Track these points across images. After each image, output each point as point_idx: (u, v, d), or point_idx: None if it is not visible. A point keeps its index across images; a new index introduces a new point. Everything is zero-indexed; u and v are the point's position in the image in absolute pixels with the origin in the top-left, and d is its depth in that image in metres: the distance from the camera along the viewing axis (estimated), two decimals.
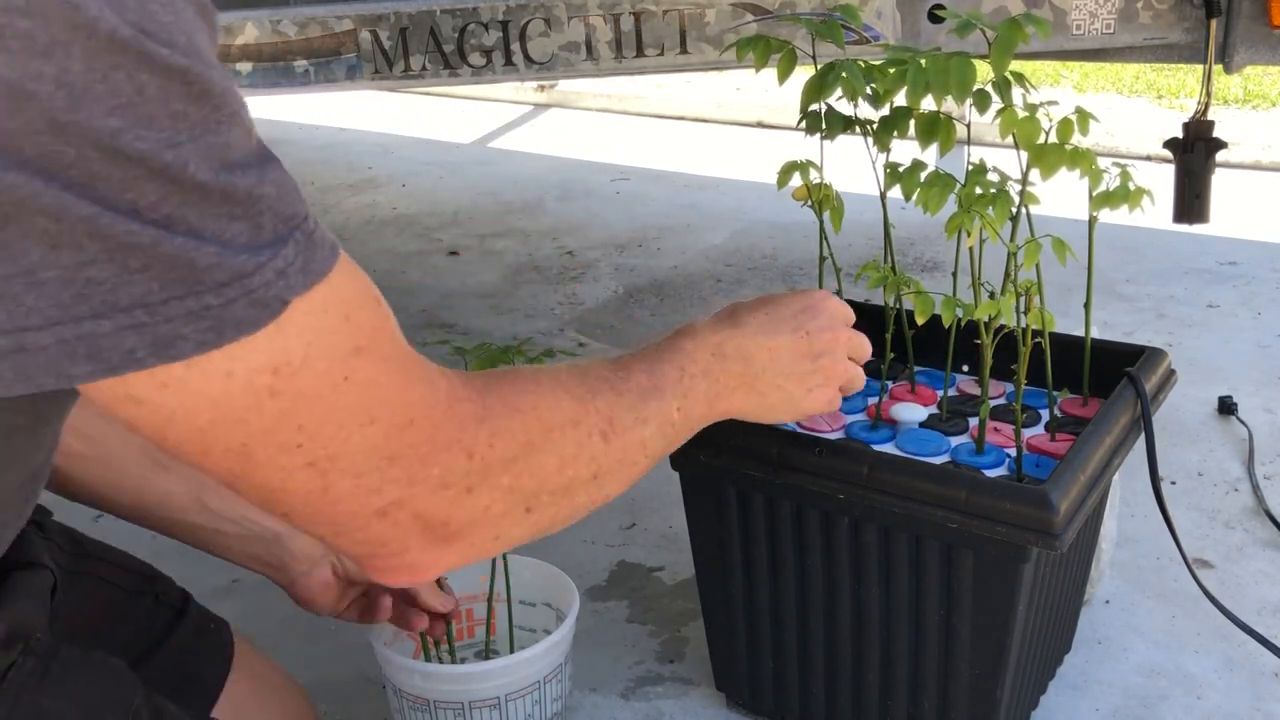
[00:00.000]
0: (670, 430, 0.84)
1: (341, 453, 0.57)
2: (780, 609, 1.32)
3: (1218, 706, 1.45)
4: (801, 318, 0.97)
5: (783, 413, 0.99)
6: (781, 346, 0.95)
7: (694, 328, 0.92)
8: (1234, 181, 3.73)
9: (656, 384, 0.83)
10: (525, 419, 0.68)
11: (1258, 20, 1.69)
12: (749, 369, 0.93)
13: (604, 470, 0.75)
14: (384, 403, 0.58)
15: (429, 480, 0.61)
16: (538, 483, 0.69)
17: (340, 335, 0.55)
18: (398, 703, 1.34)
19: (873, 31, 1.70)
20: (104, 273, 0.47)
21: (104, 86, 0.45)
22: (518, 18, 1.73)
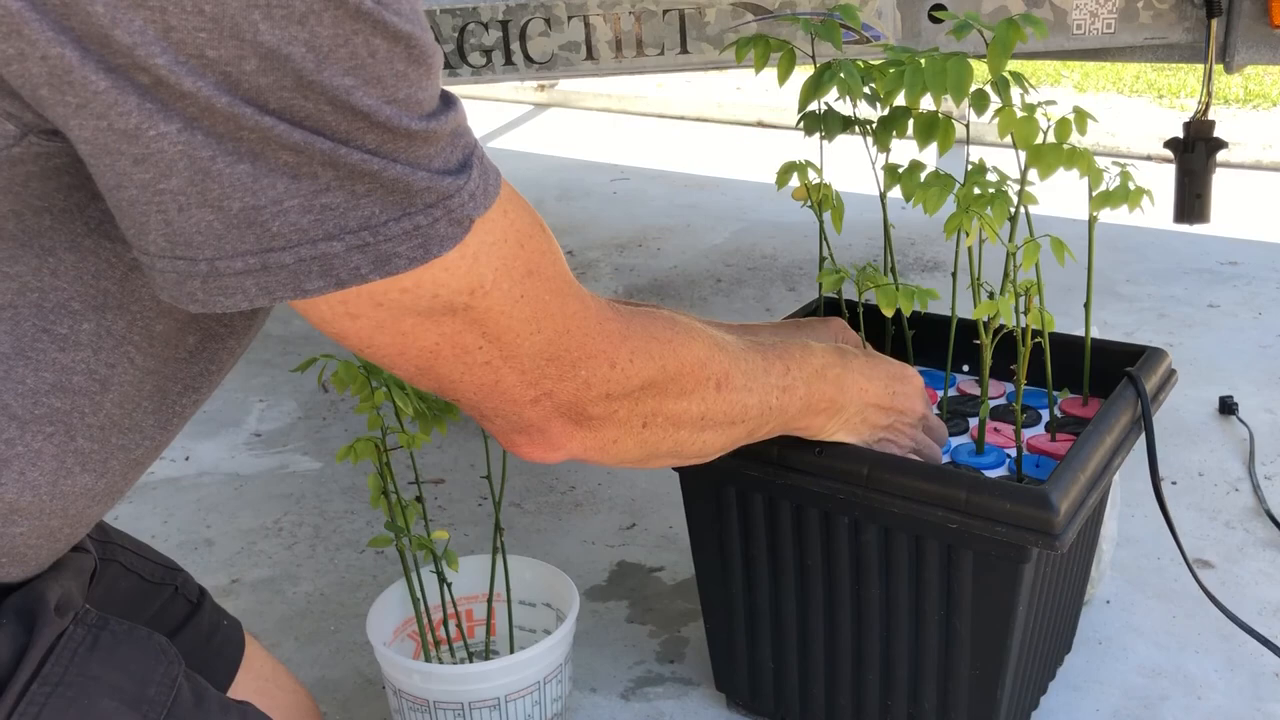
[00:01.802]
0: (766, 413, 0.96)
1: (513, 354, 0.68)
2: (780, 609, 1.32)
3: (1218, 707, 1.45)
4: (894, 381, 1.11)
5: (854, 441, 1.14)
6: (872, 392, 1.09)
7: (809, 345, 1.03)
8: (1234, 181, 3.73)
9: (768, 368, 0.94)
10: (661, 348, 0.80)
11: (1258, 20, 1.69)
12: (839, 398, 1.06)
13: (709, 415, 0.87)
14: (548, 315, 0.69)
15: (576, 379, 0.73)
16: (658, 404, 0.81)
17: (518, 260, 0.64)
18: (398, 703, 1.34)
19: (873, 31, 1.70)
20: (336, 199, 0.54)
21: (345, 50, 0.52)
22: (518, 17, 1.73)
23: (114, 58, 0.49)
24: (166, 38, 0.49)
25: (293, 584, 1.80)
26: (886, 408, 1.10)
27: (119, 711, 0.66)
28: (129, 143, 0.51)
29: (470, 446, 2.19)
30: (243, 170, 0.52)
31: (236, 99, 0.50)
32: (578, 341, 0.72)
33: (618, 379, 0.76)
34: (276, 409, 2.42)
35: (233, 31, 0.49)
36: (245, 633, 1.03)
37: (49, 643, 0.66)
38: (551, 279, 0.68)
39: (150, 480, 2.16)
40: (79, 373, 0.63)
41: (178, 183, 0.52)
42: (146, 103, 0.50)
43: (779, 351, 0.97)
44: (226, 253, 0.54)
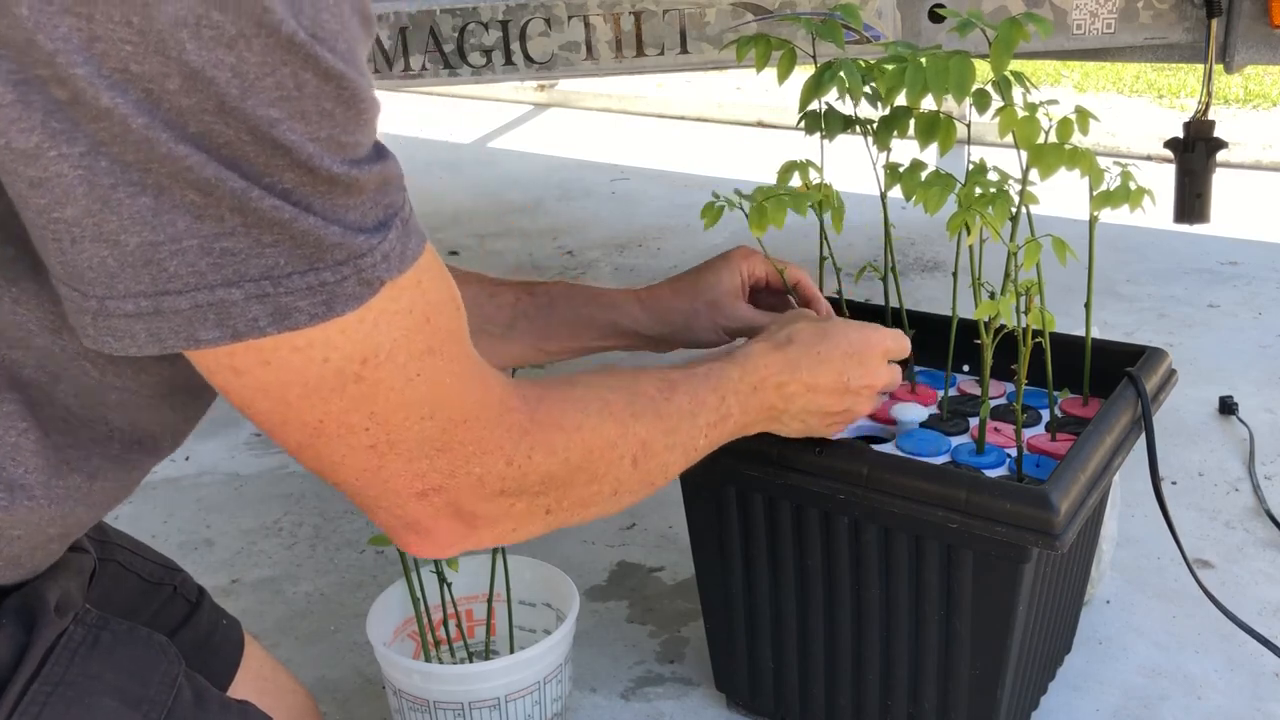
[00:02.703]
0: (693, 454, 0.89)
1: (401, 439, 0.63)
2: (780, 609, 1.32)
3: (1218, 707, 1.45)
4: (848, 364, 1.02)
5: (792, 434, 1.07)
6: (820, 387, 1.01)
7: (750, 353, 0.97)
8: (1234, 181, 3.73)
9: (694, 409, 0.87)
10: (567, 438, 0.73)
11: (1258, 20, 1.69)
12: (778, 405, 1.00)
13: (624, 488, 0.81)
14: (445, 400, 0.63)
15: (469, 476, 0.67)
16: (563, 493, 0.75)
17: (421, 335, 0.60)
18: (398, 703, 1.34)
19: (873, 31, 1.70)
20: (239, 244, 0.52)
21: (272, 79, 0.50)
22: (518, 17, 1.73)
23: (30, 67, 0.47)
24: (90, 47, 0.47)
25: (293, 584, 1.80)
26: (841, 393, 1.03)
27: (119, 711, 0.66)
28: (27, 164, 0.49)
29: None
30: (144, 204, 0.50)
31: (155, 120, 0.48)
32: (474, 433, 0.66)
33: (514, 476, 0.70)
34: None
35: (159, 47, 0.48)
36: (244, 632, 1.03)
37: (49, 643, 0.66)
38: (454, 360, 0.64)
39: (150, 480, 2.16)
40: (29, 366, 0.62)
41: (74, 212, 0.50)
42: (52, 121, 0.48)
43: (715, 380, 0.91)
44: (118, 292, 0.52)
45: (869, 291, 1.75)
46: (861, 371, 1.03)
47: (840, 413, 1.05)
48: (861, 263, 1.36)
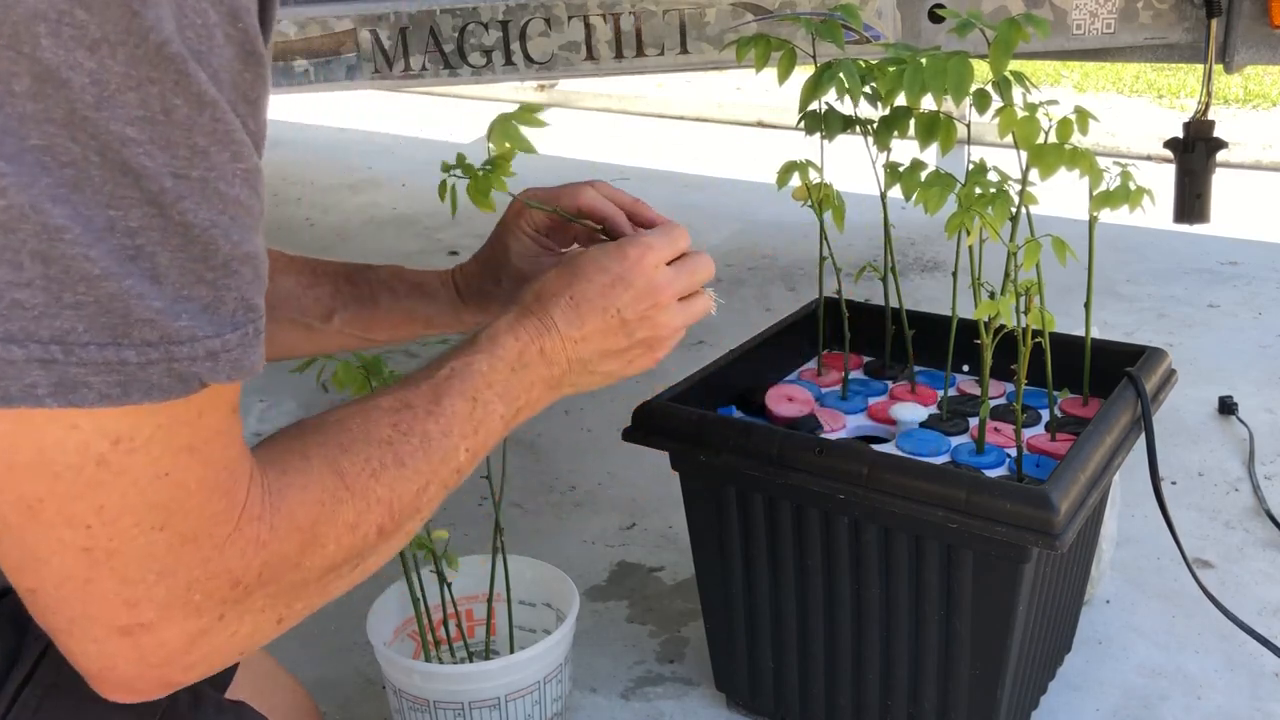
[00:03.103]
0: (456, 477, 0.75)
1: (122, 550, 0.53)
2: (780, 609, 1.32)
3: (1218, 706, 1.45)
4: (611, 295, 0.85)
5: (599, 385, 0.89)
6: (589, 335, 0.84)
7: (495, 334, 0.81)
8: (1234, 181, 3.73)
9: (444, 429, 0.73)
10: (303, 539, 0.62)
11: (1258, 20, 1.69)
12: (552, 370, 0.83)
13: (368, 556, 0.68)
14: (183, 510, 0.54)
15: (186, 606, 0.56)
16: (296, 598, 0.63)
17: (187, 429, 0.52)
18: (398, 703, 1.34)
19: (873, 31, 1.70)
20: (35, 298, 0.45)
21: (135, 94, 0.44)
22: (518, 17, 1.73)
23: None
24: None
25: None
26: (619, 328, 0.86)
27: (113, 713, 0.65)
28: None
29: None
30: None
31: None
32: (201, 556, 0.55)
33: (236, 598, 0.58)
34: (277, 409, 2.42)
35: (11, 41, 0.43)
36: None
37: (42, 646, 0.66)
38: (210, 465, 0.54)
39: None
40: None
41: None
42: None
43: (461, 382, 0.76)
44: None
45: (869, 291, 1.75)
46: (632, 296, 0.85)
47: (632, 347, 0.87)
48: (861, 263, 1.36)
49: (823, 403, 1.39)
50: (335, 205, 4.05)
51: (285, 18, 1.73)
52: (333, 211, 3.97)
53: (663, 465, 1.31)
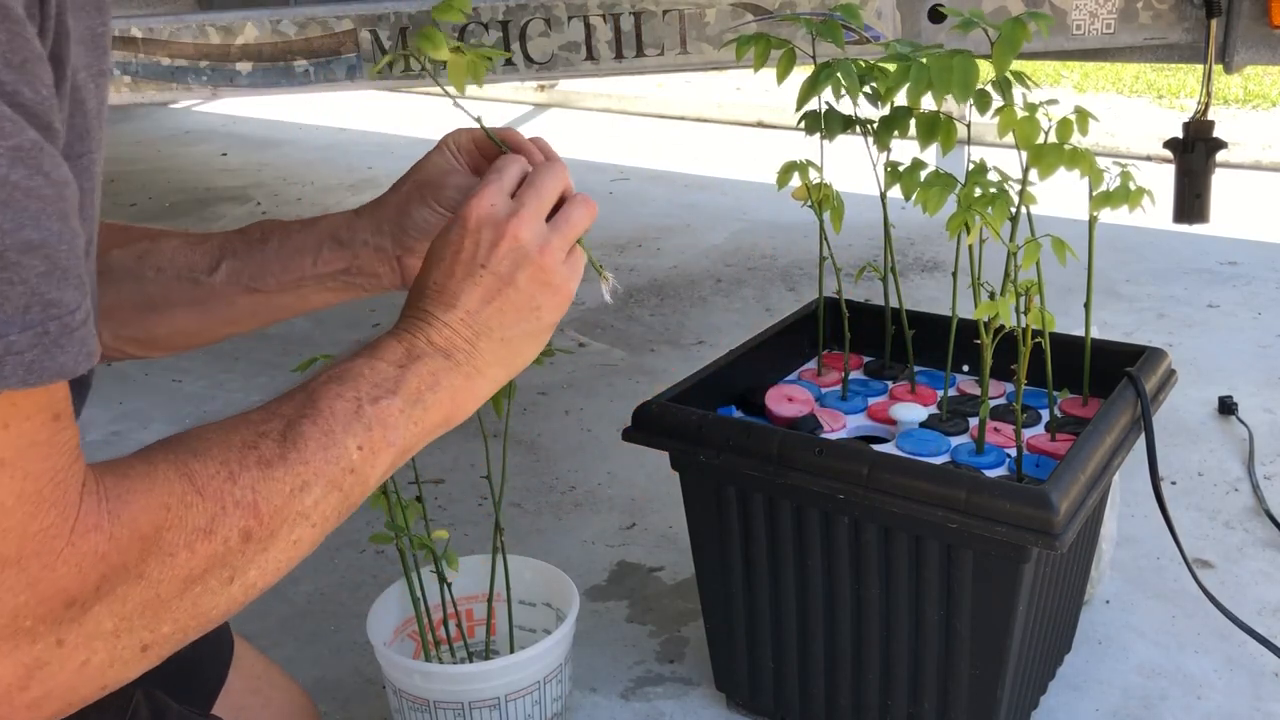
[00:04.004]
0: (350, 477, 0.68)
1: None
2: (780, 609, 1.32)
3: (1218, 706, 1.45)
4: (464, 258, 0.76)
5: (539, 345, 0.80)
6: (472, 305, 0.75)
7: (370, 342, 0.75)
8: (1234, 181, 3.73)
9: (323, 428, 0.67)
10: (145, 547, 0.56)
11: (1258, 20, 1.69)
12: (454, 358, 0.75)
13: (246, 569, 0.62)
14: (1, 531, 0.49)
15: (16, 634, 0.51)
16: (153, 617, 0.57)
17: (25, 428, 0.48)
18: (398, 703, 1.34)
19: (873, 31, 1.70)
20: None
21: None
22: (518, 18, 1.73)
23: None
24: None
25: (293, 584, 1.80)
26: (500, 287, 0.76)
27: None
28: None
29: (470, 447, 2.18)
30: None
31: None
32: (28, 579, 0.50)
33: (73, 619, 0.53)
34: None
35: None
36: (236, 633, 1.03)
37: None
38: (29, 477, 0.49)
39: None
40: None
41: None
42: None
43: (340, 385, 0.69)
44: None
45: (869, 291, 1.75)
46: (485, 244, 0.76)
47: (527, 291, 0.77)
48: (861, 263, 1.36)
49: (823, 403, 1.39)
50: (335, 205, 4.05)
51: (285, 18, 1.73)
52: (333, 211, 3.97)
53: (663, 465, 1.31)
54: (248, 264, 0.93)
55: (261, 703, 1.02)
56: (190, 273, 0.93)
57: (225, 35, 1.74)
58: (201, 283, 0.92)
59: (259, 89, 1.76)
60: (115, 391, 2.58)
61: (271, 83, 1.76)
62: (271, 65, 1.75)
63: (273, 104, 5.76)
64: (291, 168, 4.65)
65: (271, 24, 1.73)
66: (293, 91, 1.80)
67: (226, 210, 4.08)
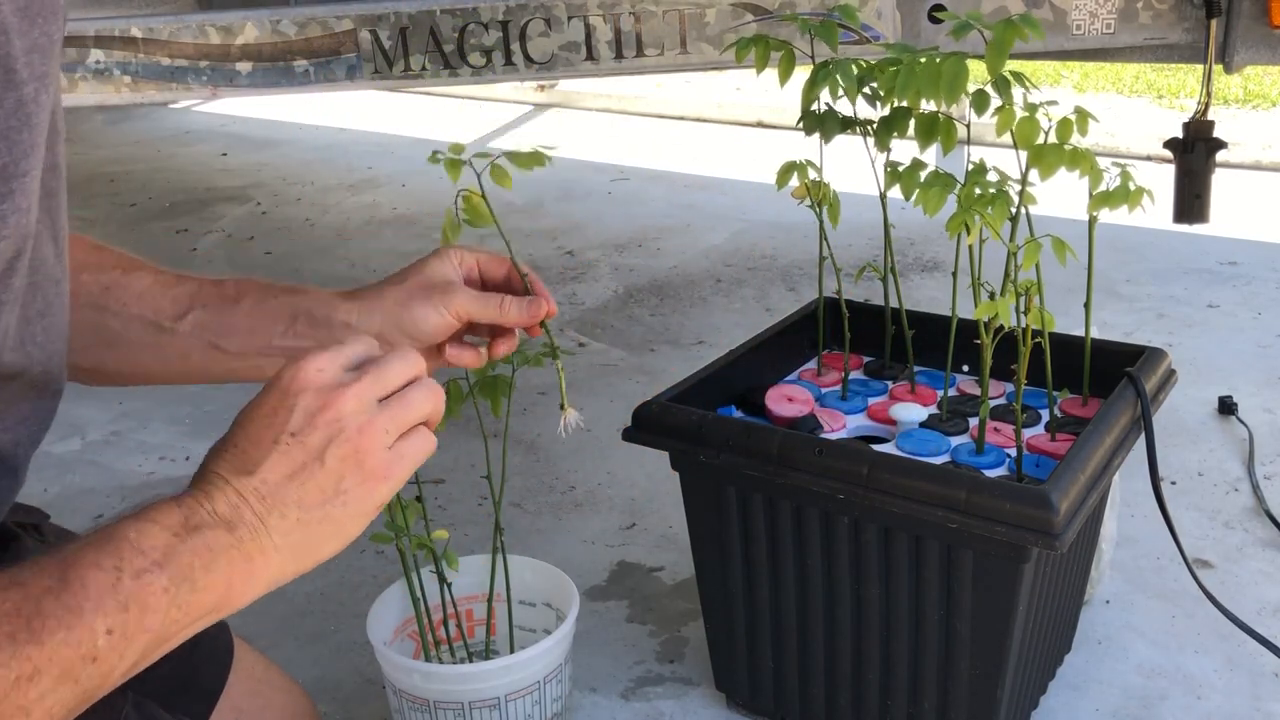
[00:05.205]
0: (91, 667, 0.59)
1: None
2: (780, 609, 1.32)
3: (1218, 706, 1.45)
4: (275, 421, 0.68)
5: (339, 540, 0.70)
6: (269, 473, 0.67)
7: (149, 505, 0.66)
8: (1234, 181, 3.73)
9: (70, 604, 0.58)
10: None
11: (1258, 20, 1.69)
12: (239, 533, 0.66)
13: None
14: None
15: None
16: None
17: None
18: (398, 703, 1.34)
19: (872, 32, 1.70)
20: None
21: None
22: (518, 18, 1.73)
23: None
24: None
25: (293, 584, 1.79)
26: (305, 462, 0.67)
27: None
28: None
29: (470, 447, 2.18)
30: None
31: None
32: None
33: None
34: None
35: None
36: (236, 635, 1.03)
37: None
38: None
39: (151, 480, 2.16)
40: None
41: None
42: None
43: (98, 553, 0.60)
44: None
45: (869, 291, 1.75)
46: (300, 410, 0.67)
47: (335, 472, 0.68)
48: (861, 263, 1.37)
49: (823, 403, 1.39)
50: (335, 205, 4.05)
51: (285, 18, 1.73)
52: (332, 211, 3.97)
53: (663, 465, 1.31)
54: (216, 319, 0.89)
55: (261, 704, 1.02)
56: (155, 317, 0.89)
57: (225, 35, 1.74)
58: (164, 329, 0.88)
59: (259, 89, 1.76)
60: (115, 391, 2.58)
61: (271, 83, 1.76)
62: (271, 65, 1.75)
63: (273, 104, 5.76)
64: (291, 168, 4.65)
65: (271, 24, 1.73)
66: (293, 91, 1.80)
67: (226, 210, 4.08)
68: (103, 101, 1.80)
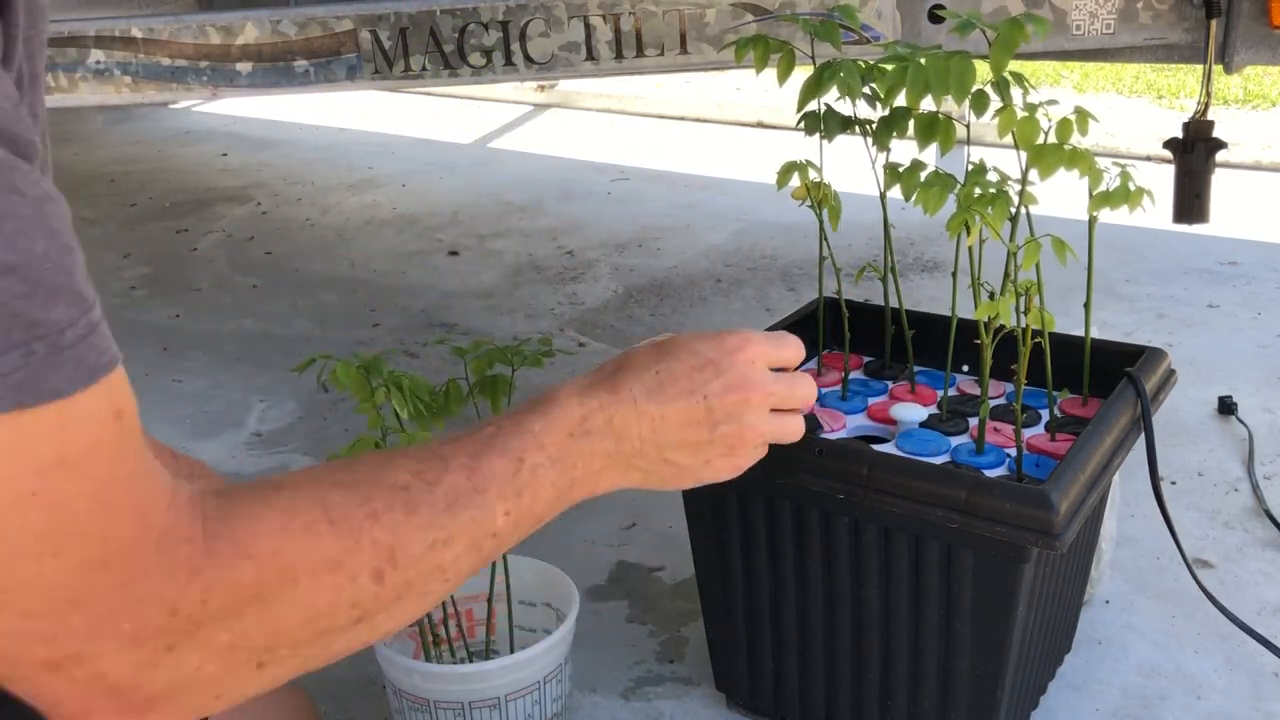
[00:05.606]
0: (491, 541, 0.68)
1: (9, 585, 0.47)
2: (780, 609, 1.32)
3: (1218, 706, 1.45)
4: (700, 377, 0.81)
5: (675, 485, 0.84)
6: (670, 416, 0.79)
7: (557, 396, 0.76)
8: (1234, 181, 3.73)
9: (478, 485, 0.67)
10: (259, 566, 0.55)
11: (1258, 20, 1.69)
12: (620, 446, 0.78)
13: (375, 612, 0.61)
14: (77, 534, 0.48)
15: (118, 635, 0.50)
16: (272, 637, 0.57)
17: (44, 443, 0.46)
18: (398, 703, 1.34)
19: (872, 32, 1.70)
20: None
21: None
22: (518, 18, 1.73)
23: None
24: None
25: None
26: (704, 419, 0.81)
27: None
28: None
29: None
30: None
31: None
32: (119, 580, 0.50)
33: (184, 629, 0.52)
34: (277, 409, 2.42)
35: None
36: None
37: None
38: (96, 479, 0.48)
39: None
40: None
41: None
42: None
43: (507, 440, 0.71)
44: None
45: (869, 291, 1.75)
46: (722, 384, 0.81)
47: (714, 443, 0.81)
48: (861, 263, 1.36)
49: (823, 403, 1.39)
50: (335, 205, 4.05)
51: (285, 18, 1.73)
52: (333, 212, 3.97)
53: None
54: None
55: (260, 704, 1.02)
56: None
57: (225, 35, 1.74)
58: None
59: (259, 89, 1.76)
60: None
61: (271, 83, 1.76)
62: (271, 65, 1.75)
63: (273, 104, 5.76)
64: (291, 168, 4.65)
65: (271, 24, 1.73)
66: (293, 91, 1.80)
67: (226, 210, 4.08)
68: (103, 101, 1.80)
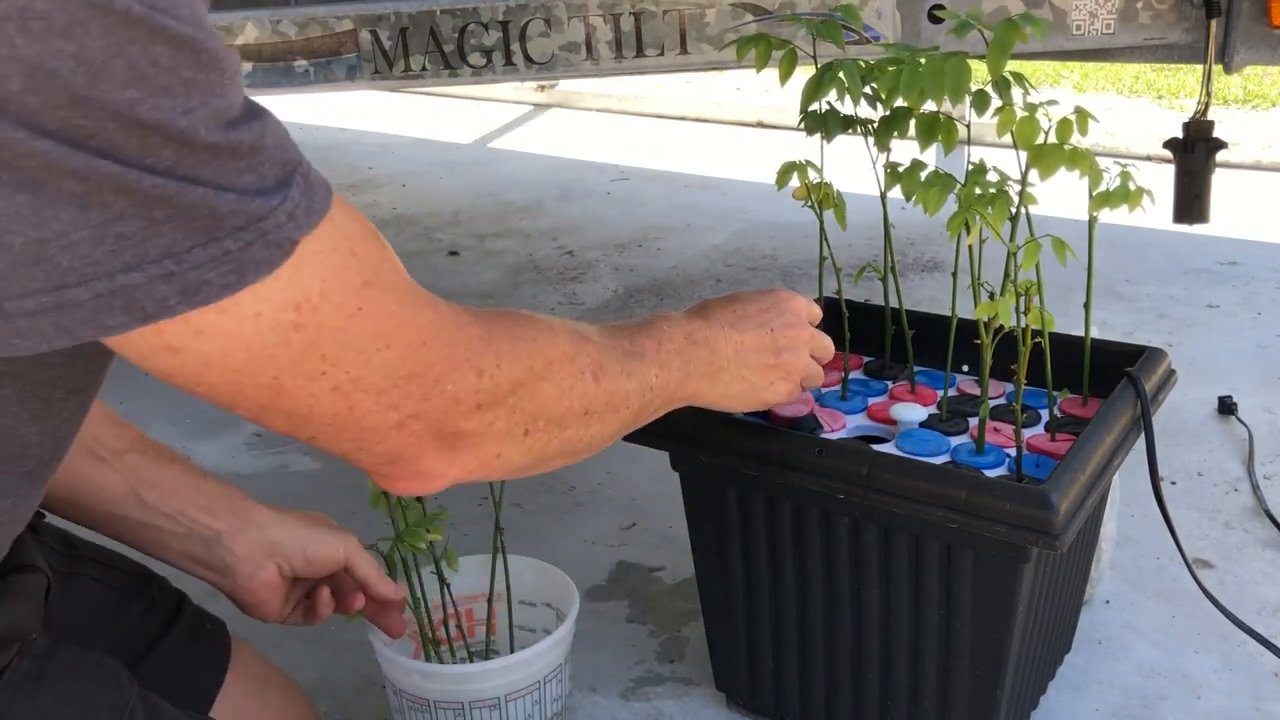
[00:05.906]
0: (648, 394, 0.89)
1: (363, 375, 0.62)
2: (780, 609, 1.32)
3: (1218, 706, 1.45)
4: (767, 315, 1.05)
5: (743, 403, 1.06)
6: (747, 341, 1.03)
7: (668, 315, 0.97)
8: (1234, 181, 3.73)
9: (638, 349, 0.89)
10: (527, 347, 0.74)
11: (1258, 20, 1.69)
12: (715, 359, 0.99)
13: (594, 409, 0.81)
14: (397, 328, 0.63)
15: (443, 395, 0.67)
16: (537, 406, 0.75)
17: (350, 270, 0.59)
18: (398, 703, 1.34)
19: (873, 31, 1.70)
20: (131, 227, 0.50)
21: (121, 61, 0.47)
22: (518, 18, 1.73)
23: None
24: None
25: None
26: (769, 346, 1.05)
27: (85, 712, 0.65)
28: None
29: None
30: (22, 202, 0.48)
31: (5, 122, 0.46)
32: (437, 354, 0.66)
33: (487, 388, 0.70)
34: None
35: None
36: (234, 634, 1.03)
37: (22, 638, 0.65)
38: (394, 288, 0.63)
39: None
40: None
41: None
42: None
43: (645, 330, 0.93)
44: (14, 293, 0.50)
45: (869, 291, 1.75)
46: (784, 321, 1.06)
47: (777, 366, 1.06)
48: (861, 263, 1.36)
49: (823, 403, 1.39)
50: None
51: (285, 18, 1.73)
52: None
53: (663, 465, 1.31)
54: (149, 467, 0.99)
55: (260, 704, 1.02)
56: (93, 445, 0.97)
57: (225, 35, 1.74)
58: (98, 458, 0.96)
59: (259, 89, 1.76)
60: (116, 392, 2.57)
61: (271, 83, 1.76)
62: (271, 65, 1.75)
63: (272, 104, 5.72)
64: None
65: (271, 24, 1.73)
66: (293, 91, 1.80)
67: None
68: None
